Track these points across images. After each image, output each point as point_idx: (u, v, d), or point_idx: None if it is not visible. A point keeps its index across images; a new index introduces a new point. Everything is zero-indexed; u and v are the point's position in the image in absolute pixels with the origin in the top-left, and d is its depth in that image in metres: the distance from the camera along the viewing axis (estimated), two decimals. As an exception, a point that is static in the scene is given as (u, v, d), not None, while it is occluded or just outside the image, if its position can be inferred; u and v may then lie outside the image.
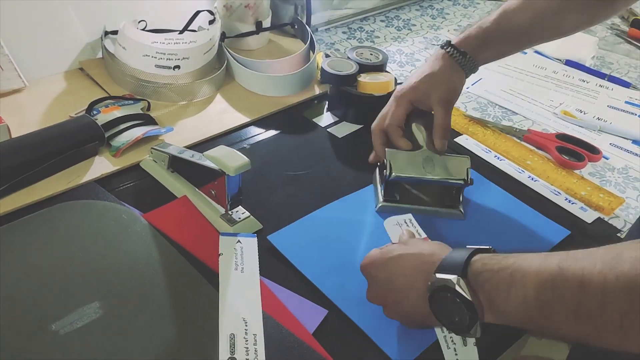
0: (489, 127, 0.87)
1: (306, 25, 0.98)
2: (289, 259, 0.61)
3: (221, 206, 0.65)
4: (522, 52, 1.09)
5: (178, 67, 0.84)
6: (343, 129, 0.84)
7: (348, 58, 0.87)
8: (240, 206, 0.66)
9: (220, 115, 0.83)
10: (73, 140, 0.70)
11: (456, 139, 0.83)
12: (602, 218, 0.72)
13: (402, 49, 1.07)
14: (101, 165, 0.71)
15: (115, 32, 0.87)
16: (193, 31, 0.93)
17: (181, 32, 0.92)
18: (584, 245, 0.44)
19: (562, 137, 0.85)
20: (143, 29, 0.89)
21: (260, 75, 0.88)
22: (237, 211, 0.65)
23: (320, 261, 0.61)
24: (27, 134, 0.69)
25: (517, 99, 0.95)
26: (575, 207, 0.73)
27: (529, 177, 0.78)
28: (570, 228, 0.69)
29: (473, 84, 0.99)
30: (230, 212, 0.65)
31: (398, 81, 0.91)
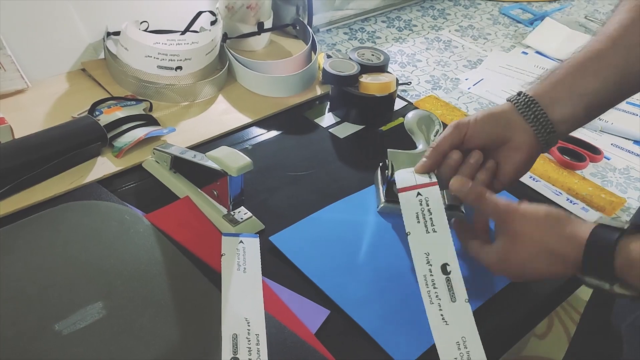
0: (491, 128, 0.87)
1: (308, 26, 0.98)
2: (291, 260, 0.61)
3: (223, 207, 0.65)
4: (523, 53, 1.10)
5: (180, 68, 0.84)
6: (345, 130, 0.84)
7: (349, 59, 0.87)
8: (242, 206, 0.66)
9: (222, 115, 0.83)
10: (75, 141, 0.70)
11: (457, 140, 0.83)
12: (604, 218, 0.72)
13: (404, 50, 1.07)
14: (104, 166, 0.71)
15: (117, 33, 0.87)
16: (195, 32, 0.93)
17: (183, 33, 0.92)
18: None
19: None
20: (145, 30, 0.90)
21: (262, 76, 0.88)
22: (240, 211, 0.66)
23: (322, 261, 0.61)
24: (30, 135, 0.69)
25: (519, 100, 0.95)
26: (576, 208, 0.73)
27: (531, 178, 0.78)
28: (571, 228, 0.69)
29: (474, 85, 0.99)
30: (232, 213, 0.65)
31: (399, 81, 0.91)
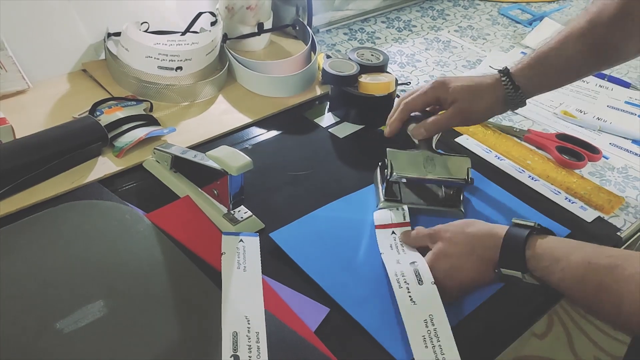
0: (490, 127, 0.87)
1: (307, 26, 0.98)
2: (291, 256, 0.61)
3: (224, 206, 0.66)
4: (522, 53, 1.10)
5: (180, 69, 0.84)
6: (344, 129, 0.84)
7: (349, 59, 0.87)
8: (242, 206, 0.66)
9: (222, 115, 0.83)
10: (76, 141, 0.70)
11: (457, 139, 0.84)
12: (602, 217, 0.72)
13: (403, 50, 1.08)
14: (104, 165, 0.71)
15: (118, 34, 0.88)
16: (195, 33, 0.93)
17: (183, 34, 0.92)
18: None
19: (562, 137, 0.85)
20: (145, 31, 0.90)
21: (261, 76, 0.88)
22: (240, 211, 0.66)
23: (321, 259, 0.61)
24: (31, 135, 0.70)
25: (518, 99, 0.96)
26: (575, 207, 0.74)
27: (530, 177, 0.78)
28: (570, 227, 0.69)
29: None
30: (232, 212, 0.66)
31: (399, 82, 0.91)
